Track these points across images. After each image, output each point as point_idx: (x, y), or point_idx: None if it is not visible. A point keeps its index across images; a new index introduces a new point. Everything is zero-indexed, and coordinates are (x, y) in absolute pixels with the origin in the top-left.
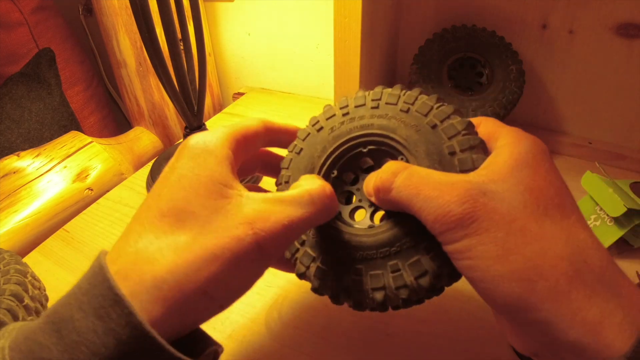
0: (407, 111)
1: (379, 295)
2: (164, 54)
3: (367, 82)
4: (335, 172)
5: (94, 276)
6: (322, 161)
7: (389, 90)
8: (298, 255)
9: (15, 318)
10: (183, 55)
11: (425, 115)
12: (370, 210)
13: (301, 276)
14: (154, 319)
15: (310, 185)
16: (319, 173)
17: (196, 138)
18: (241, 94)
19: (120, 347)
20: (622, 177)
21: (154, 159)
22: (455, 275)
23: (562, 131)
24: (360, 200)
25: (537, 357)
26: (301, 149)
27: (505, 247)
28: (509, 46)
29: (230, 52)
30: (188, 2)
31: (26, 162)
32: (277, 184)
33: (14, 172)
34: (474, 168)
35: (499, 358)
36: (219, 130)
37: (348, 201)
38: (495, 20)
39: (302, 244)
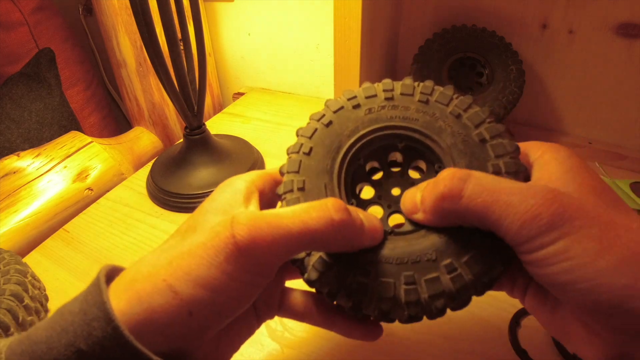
0: (458, 117)
1: (384, 306)
2: (164, 54)
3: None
4: (362, 160)
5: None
6: (351, 141)
7: (441, 88)
8: None
9: (15, 318)
10: (183, 55)
11: (476, 127)
12: (388, 211)
13: (296, 262)
14: (120, 308)
15: (329, 202)
16: (345, 155)
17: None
18: (241, 94)
19: (86, 326)
20: (622, 177)
21: (154, 159)
22: (466, 303)
23: (562, 131)
24: (379, 197)
25: None
26: (330, 122)
27: (603, 241)
28: (509, 46)
29: (230, 52)
30: (188, 2)
31: (26, 162)
32: (290, 152)
33: (14, 172)
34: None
35: (499, 358)
36: (249, 172)
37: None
38: (495, 20)
39: None
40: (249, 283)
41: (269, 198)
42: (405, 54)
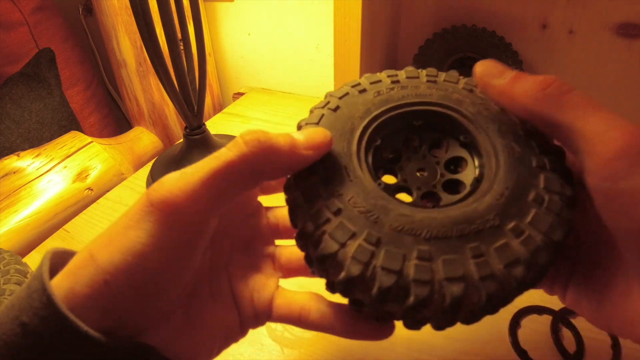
0: (471, 91)
1: (457, 289)
2: (164, 54)
3: None
4: (379, 141)
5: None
6: (365, 123)
7: (445, 72)
8: (328, 227)
9: None
10: (183, 55)
11: None
12: (419, 193)
13: (328, 258)
14: (57, 282)
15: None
16: (360, 136)
17: None
18: (241, 94)
19: (28, 298)
20: None
21: (154, 159)
22: (544, 270)
23: None
24: (404, 181)
25: None
26: (337, 106)
27: None
28: (509, 46)
29: (230, 52)
30: (188, 2)
31: (26, 162)
32: None
33: (14, 172)
34: (553, 152)
35: (499, 358)
36: None
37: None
38: (495, 20)
39: (337, 212)
40: (176, 242)
41: None
42: (405, 54)
